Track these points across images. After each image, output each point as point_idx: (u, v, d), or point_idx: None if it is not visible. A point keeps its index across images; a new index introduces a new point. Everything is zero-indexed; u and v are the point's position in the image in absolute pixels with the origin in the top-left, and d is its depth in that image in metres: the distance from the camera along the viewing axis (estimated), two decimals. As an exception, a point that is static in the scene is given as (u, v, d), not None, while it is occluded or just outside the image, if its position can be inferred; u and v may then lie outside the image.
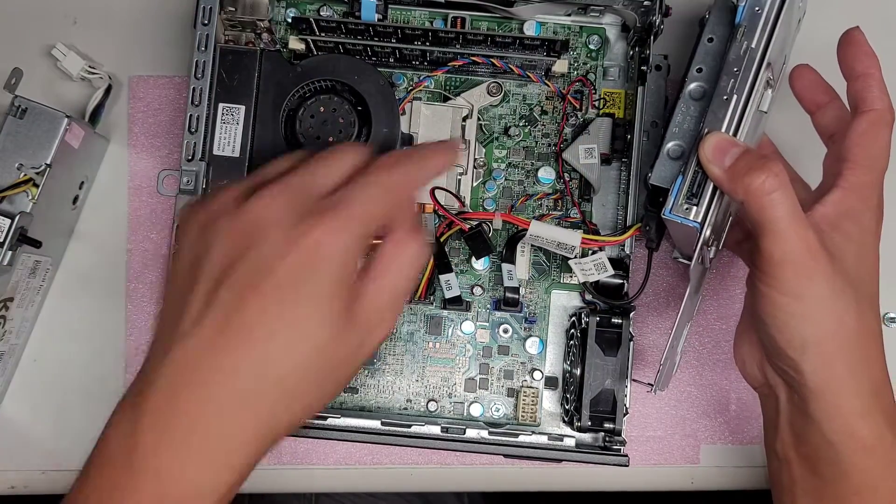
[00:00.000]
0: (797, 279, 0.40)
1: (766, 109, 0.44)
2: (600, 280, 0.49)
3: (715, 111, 0.42)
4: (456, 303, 0.49)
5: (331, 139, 0.48)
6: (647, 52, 0.49)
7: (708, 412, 0.54)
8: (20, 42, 0.53)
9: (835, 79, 0.45)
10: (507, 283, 0.50)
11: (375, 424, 0.49)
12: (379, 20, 0.50)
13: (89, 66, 0.52)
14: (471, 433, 0.49)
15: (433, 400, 0.51)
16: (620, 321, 0.48)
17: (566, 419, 0.50)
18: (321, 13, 0.52)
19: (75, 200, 0.52)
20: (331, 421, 0.49)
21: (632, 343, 0.48)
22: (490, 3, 0.50)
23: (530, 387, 0.51)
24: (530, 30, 0.52)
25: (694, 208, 0.42)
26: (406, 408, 0.51)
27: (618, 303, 0.49)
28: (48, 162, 0.46)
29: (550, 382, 0.51)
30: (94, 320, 0.53)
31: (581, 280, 0.49)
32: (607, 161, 0.51)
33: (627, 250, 0.49)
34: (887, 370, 0.43)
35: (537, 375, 0.51)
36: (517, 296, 0.50)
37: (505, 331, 0.51)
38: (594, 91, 0.52)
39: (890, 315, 0.54)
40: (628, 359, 0.47)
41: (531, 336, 0.51)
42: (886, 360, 0.43)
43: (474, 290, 0.52)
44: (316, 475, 0.53)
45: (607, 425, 0.47)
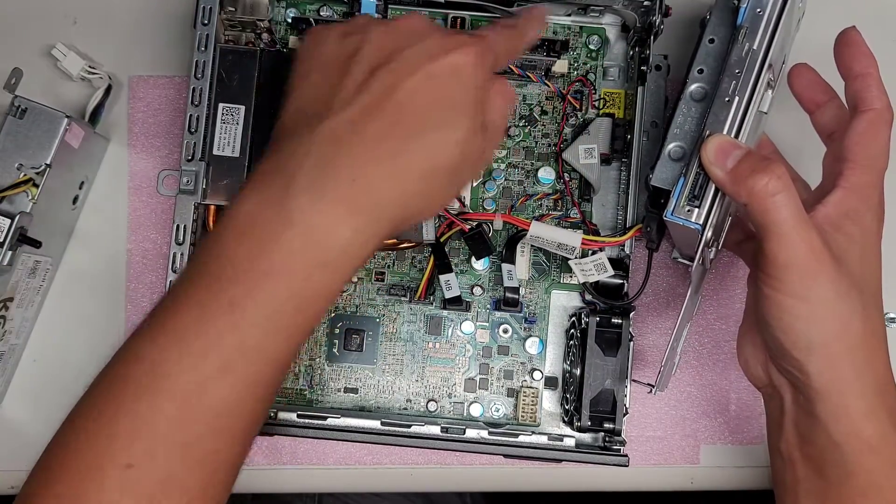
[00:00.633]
0: (802, 281, 0.40)
1: (767, 110, 0.44)
2: (600, 280, 0.49)
3: (716, 113, 0.42)
4: (456, 303, 0.49)
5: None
6: (647, 52, 0.49)
7: (708, 412, 0.54)
8: (20, 42, 0.53)
9: (833, 78, 0.45)
10: (507, 284, 0.50)
11: (375, 424, 0.49)
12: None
13: (89, 66, 0.52)
14: (471, 433, 0.49)
15: (433, 400, 0.51)
16: (620, 321, 0.48)
17: (566, 419, 0.50)
18: (321, 13, 0.52)
19: (75, 200, 0.52)
20: (331, 421, 0.49)
21: (632, 343, 0.48)
22: (490, 3, 0.50)
23: (530, 387, 0.51)
24: (530, 30, 0.52)
25: (696, 210, 0.41)
26: (406, 408, 0.51)
27: (618, 303, 0.49)
28: (48, 162, 0.46)
29: (550, 382, 0.51)
30: (94, 320, 0.52)
31: (581, 280, 0.49)
32: (607, 161, 0.51)
33: (627, 251, 0.49)
34: (891, 370, 0.43)
35: (537, 375, 0.51)
36: (517, 296, 0.50)
37: (505, 331, 0.51)
38: (594, 91, 0.52)
39: (891, 315, 0.54)
40: (628, 359, 0.47)
41: (531, 336, 0.51)
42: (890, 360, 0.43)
43: (474, 291, 0.52)
44: (316, 475, 0.53)
45: (607, 425, 0.47)
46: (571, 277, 0.51)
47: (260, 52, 0.48)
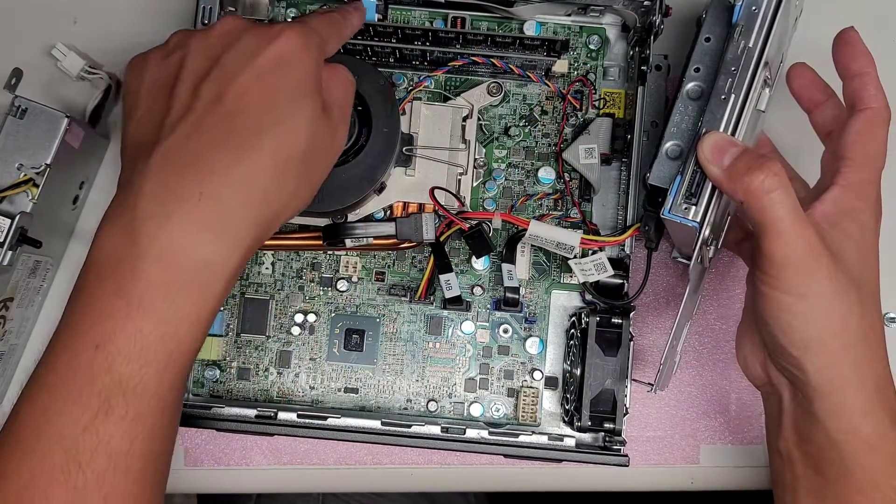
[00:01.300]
0: (799, 279, 0.40)
1: (764, 108, 0.44)
2: (600, 280, 0.49)
3: (713, 111, 0.42)
4: (456, 303, 0.49)
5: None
6: (647, 52, 0.49)
7: (708, 412, 0.54)
8: (20, 42, 0.53)
9: (832, 78, 0.46)
10: (507, 283, 0.50)
11: (375, 424, 0.49)
12: (379, 20, 0.50)
13: (89, 66, 0.52)
14: (471, 433, 0.49)
15: (433, 400, 0.51)
16: (620, 321, 0.48)
17: (566, 419, 0.50)
18: (321, 13, 0.52)
19: (75, 200, 0.52)
20: (331, 421, 0.49)
21: (632, 343, 0.48)
22: (490, 3, 0.50)
23: (530, 387, 0.51)
24: (530, 30, 0.52)
25: (693, 208, 0.42)
26: (406, 408, 0.51)
27: (618, 303, 0.49)
28: (48, 162, 0.46)
29: (550, 382, 0.51)
30: (95, 320, 0.52)
31: (581, 280, 0.49)
32: (607, 161, 0.51)
33: (627, 250, 0.49)
34: (889, 368, 0.43)
35: (537, 375, 0.51)
36: (517, 296, 0.50)
37: (505, 331, 0.51)
38: (594, 91, 0.52)
39: (890, 315, 0.54)
40: (628, 359, 0.47)
41: (531, 336, 0.51)
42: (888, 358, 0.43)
43: (474, 290, 0.52)
44: (316, 475, 0.53)
45: (607, 425, 0.47)
46: (571, 277, 0.51)
47: (260, 53, 0.48)
